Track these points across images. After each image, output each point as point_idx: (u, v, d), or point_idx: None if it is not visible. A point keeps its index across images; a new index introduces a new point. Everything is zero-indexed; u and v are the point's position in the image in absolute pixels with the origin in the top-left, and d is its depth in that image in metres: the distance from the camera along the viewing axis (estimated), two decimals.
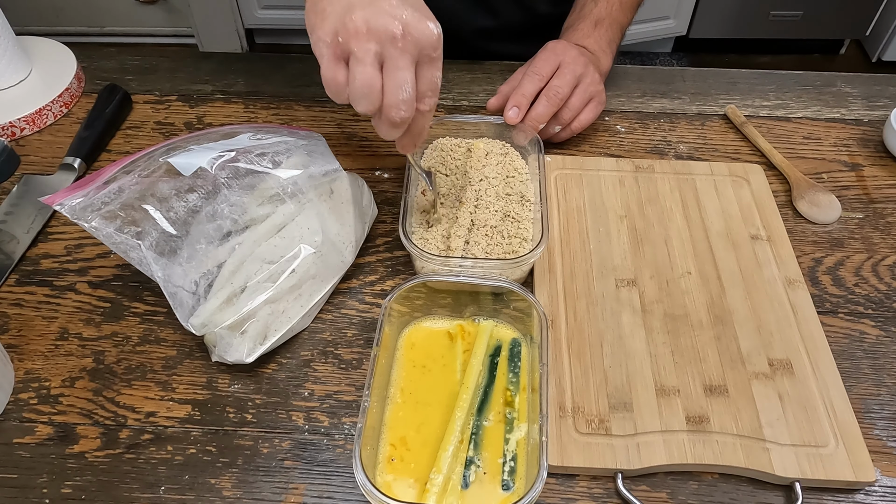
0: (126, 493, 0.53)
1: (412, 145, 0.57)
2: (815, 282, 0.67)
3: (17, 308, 0.64)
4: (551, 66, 0.73)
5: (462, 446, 0.52)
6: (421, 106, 0.53)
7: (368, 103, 0.51)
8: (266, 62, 0.92)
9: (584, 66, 0.74)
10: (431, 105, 0.54)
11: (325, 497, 0.53)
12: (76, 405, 0.58)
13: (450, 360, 0.58)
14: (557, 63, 0.73)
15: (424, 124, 0.56)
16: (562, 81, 0.72)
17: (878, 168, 0.79)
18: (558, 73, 0.73)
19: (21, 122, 0.81)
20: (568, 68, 0.73)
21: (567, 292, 0.64)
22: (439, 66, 0.53)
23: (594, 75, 0.75)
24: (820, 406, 0.56)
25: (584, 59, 0.74)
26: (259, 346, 0.57)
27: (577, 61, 0.73)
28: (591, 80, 0.74)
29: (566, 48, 0.74)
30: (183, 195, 0.59)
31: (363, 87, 0.50)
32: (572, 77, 0.73)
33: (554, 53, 0.74)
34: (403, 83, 0.50)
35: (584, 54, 0.75)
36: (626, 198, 0.73)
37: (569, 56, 0.73)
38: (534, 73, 0.72)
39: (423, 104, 0.54)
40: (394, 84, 0.50)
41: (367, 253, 0.69)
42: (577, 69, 0.73)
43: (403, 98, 0.51)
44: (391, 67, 0.50)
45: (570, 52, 0.74)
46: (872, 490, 0.54)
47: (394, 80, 0.50)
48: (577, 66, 0.73)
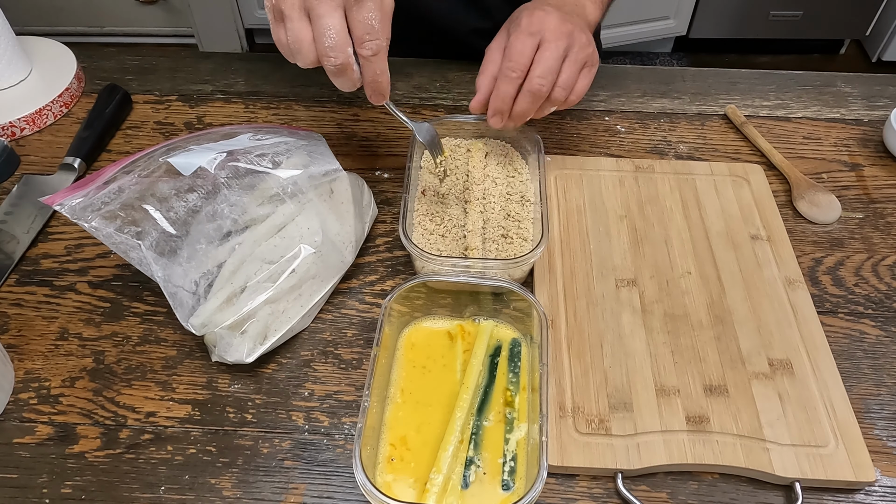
0: (126, 493, 0.53)
1: (378, 95, 0.57)
2: (815, 282, 0.67)
3: (17, 308, 0.64)
4: (529, 51, 0.62)
5: (462, 446, 0.52)
6: (362, 50, 0.53)
7: (303, 57, 0.53)
8: (266, 62, 0.92)
9: (567, 37, 0.63)
10: (374, 48, 0.53)
11: (325, 497, 0.53)
12: (76, 405, 0.58)
13: (450, 360, 0.58)
14: (536, 43, 0.63)
15: (376, 70, 0.54)
16: (544, 69, 0.62)
17: (878, 168, 0.79)
18: (539, 59, 0.62)
19: (21, 122, 0.81)
20: (549, 48, 0.62)
21: (567, 292, 0.64)
22: (369, 6, 0.52)
23: (581, 38, 0.64)
24: (820, 406, 0.56)
25: (566, 26, 0.63)
26: (259, 346, 0.57)
27: (558, 33, 0.63)
28: (580, 46, 0.64)
29: (544, 18, 0.63)
30: (183, 195, 0.59)
31: (294, 42, 0.52)
32: (556, 58, 0.62)
33: (529, 33, 0.63)
34: (326, 29, 0.51)
35: (565, 19, 0.64)
36: (626, 198, 0.73)
37: (548, 29, 0.63)
38: (510, 71, 0.62)
39: (363, 49, 0.53)
40: (319, 32, 0.51)
41: (367, 253, 0.69)
42: (561, 44, 0.63)
43: (329, 45, 0.51)
44: (314, 17, 0.51)
45: (548, 23, 0.63)
46: (872, 490, 0.54)
47: (318, 28, 0.51)
48: (560, 39, 0.63)
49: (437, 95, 0.87)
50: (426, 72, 0.90)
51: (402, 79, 0.89)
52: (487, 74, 0.65)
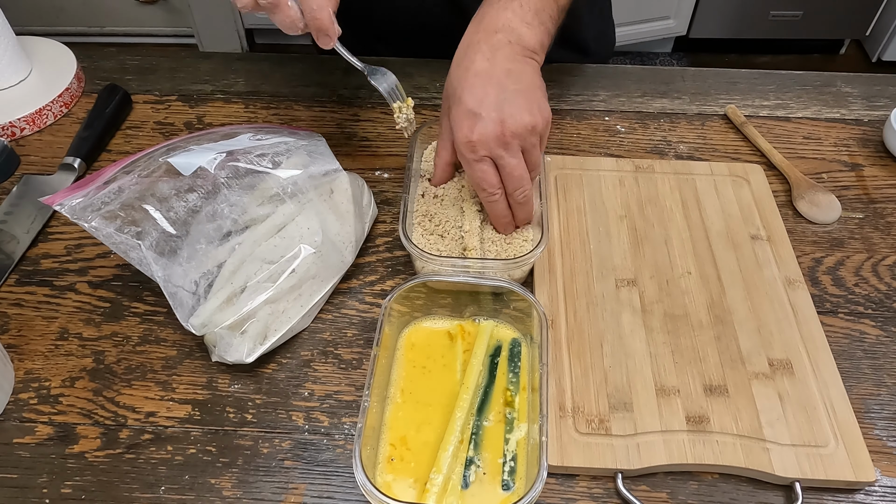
0: (126, 493, 0.53)
1: (324, 37, 0.58)
2: (815, 282, 0.67)
3: (17, 308, 0.64)
4: (493, 175, 0.59)
5: (462, 446, 0.52)
6: None
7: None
8: (266, 62, 0.92)
9: (515, 139, 0.58)
10: None
11: (325, 497, 0.53)
12: (76, 405, 0.58)
13: (450, 360, 0.58)
14: (494, 165, 0.59)
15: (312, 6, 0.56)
16: (517, 181, 0.60)
17: (878, 168, 0.79)
18: (506, 176, 0.60)
19: (21, 122, 0.81)
20: (509, 164, 0.59)
21: (567, 292, 0.64)
22: None
23: (522, 121, 0.58)
24: (820, 406, 0.56)
25: (506, 127, 0.57)
26: (259, 346, 0.57)
27: (505, 145, 0.58)
28: (526, 134, 0.58)
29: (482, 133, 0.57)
30: (183, 195, 0.59)
31: None
32: (520, 166, 0.59)
33: (480, 158, 0.59)
34: None
35: (500, 118, 0.57)
36: (626, 198, 0.73)
37: (496, 145, 0.58)
38: (490, 196, 0.60)
39: None
40: None
41: (367, 253, 0.69)
42: (514, 149, 0.59)
43: None
44: None
45: (489, 137, 0.57)
46: (872, 490, 0.54)
47: None
48: (510, 148, 0.58)
49: (437, 95, 0.87)
50: (426, 72, 0.90)
51: (403, 79, 0.88)
52: (443, 160, 0.65)
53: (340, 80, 0.89)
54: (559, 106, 0.86)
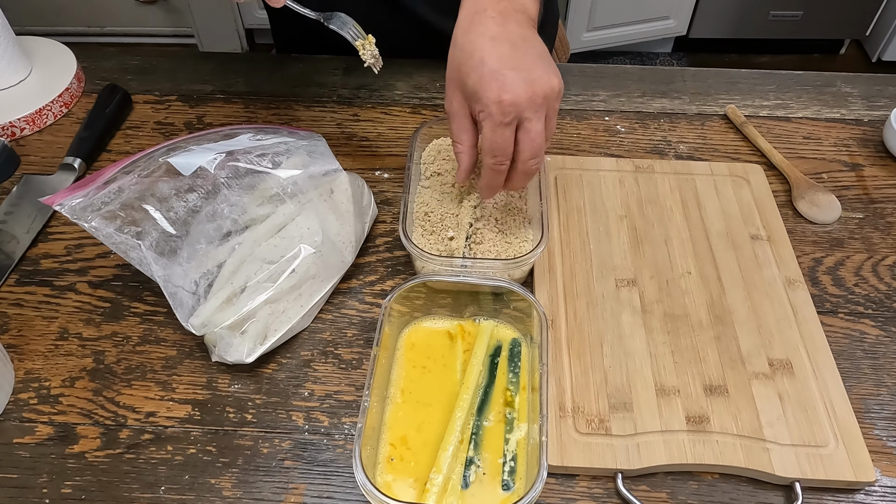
0: (126, 493, 0.53)
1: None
2: (815, 282, 0.67)
3: (17, 308, 0.64)
4: (510, 141, 0.57)
5: (462, 446, 0.52)
6: None
7: None
8: (266, 62, 0.92)
9: (543, 102, 0.56)
10: None
11: (325, 497, 0.53)
12: (76, 405, 0.58)
13: (450, 360, 0.58)
14: (514, 129, 0.56)
15: None
16: (533, 150, 0.57)
17: (878, 168, 0.79)
18: (524, 143, 0.57)
19: (21, 122, 0.81)
20: (531, 130, 0.56)
21: (567, 292, 0.64)
22: None
23: (552, 85, 0.56)
24: (820, 406, 0.56)
25: (536, 87, 0.55)
26: (259, 346, 0.57)
27: (533, 105, 0.56)
28: (553, 99, 0.57)
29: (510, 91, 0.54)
30: (183, 195, 0.59)
31: None
32: (541, 134, 0.57)
33: (505, 123, 0.56)
34: None
35: (530, 77, 0.55)
36: (626, 198, 0.73)
37: (522, 108, 0.55)
38: (498, 164, 0.58)
39: None
40: None
41: (367, 253, 0.69)
42: (540, 115, 0.56)
43: None
44: None
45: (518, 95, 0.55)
46: (872, 490, 0.54)
47: None
48: (538, 112, 0.56)
49: (437, 95, 0.87)
50: (426, 72, 0.90)
51: (402, 79, 0.89)
52: (465, 144, 0.60)
53: (340, 80, 0.89)
54: (559, 106, 0.86)
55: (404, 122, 0.83)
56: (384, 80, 0.88)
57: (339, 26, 0.63)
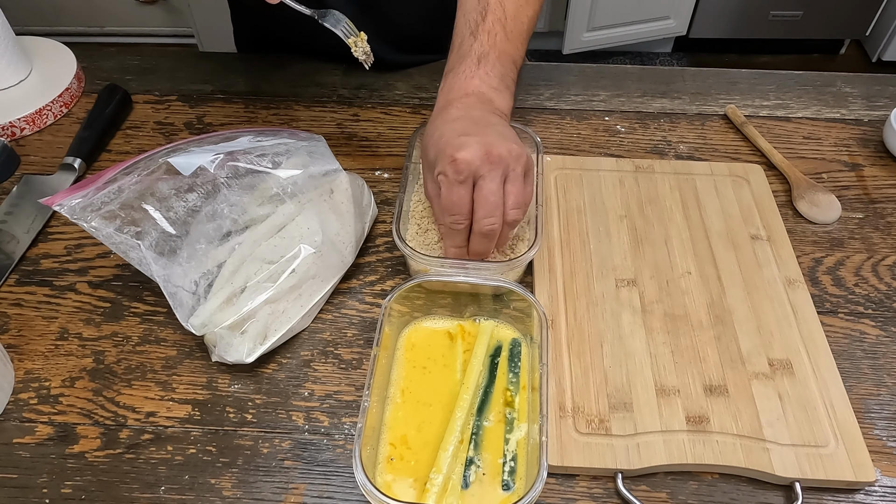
0: (126, 493, 0.53)
1: None
2: (815, 282, 0.67)
3: (17, 308, 0.64)
4: (467, 198, 0.57)
5: (462, 446, 0.52)
6: None
7: None
8: (266, 62, 0.92)
9: (499, 163, 0.57)
10: None
11: (325, 497, 0.53)
12: (76, 405, 0.58)
13: (450, 360, 0.58)
14: (470, 188, 0.57)
15: None
16: (488, 209, 0.57)
17: (878, 168, 0.79)
18: (479, 200, 0.57)
19: (21, 122, 0.81)
20: (485, 186, 0.57)
21: (567, 292, 0.64)
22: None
23: (511, 151, 0.58)
24: (820, 406, 0.56)
25: (493, 150, 0.57)
26: (259, 346, 0.57)
27: (488, 165, 0.57)
28: (513, 162, 0.58)
29: (465, 155, 0.56)
30: (182, 195, 0.59)
31: None
32: (496, 192, 0.57)
33: (459, 182, 0.57)
34: None
35: (486, 142, 0.57)
36: (626, 198, 0.73)
37: (477, 166, 0.56)
38: (455, 224, 0.58)
39: None
40: None
41: (367, 253, 0.69)
42: (496, 174, 0.57)
43: None
44: None
45: (473, 158, 0.56)
46: (872, 490, 0.53)
47: None
48: (494, 170, 0.57)
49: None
50: (426, 72, 0.90)
51: (402, 79, 0.89)
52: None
53: (340, 80, 0.89)
54: (559, 106, 0.86)
55: (404, 122, 0.83)
56: (384, 80, 0.88)
57: (332, 24, 0.64)
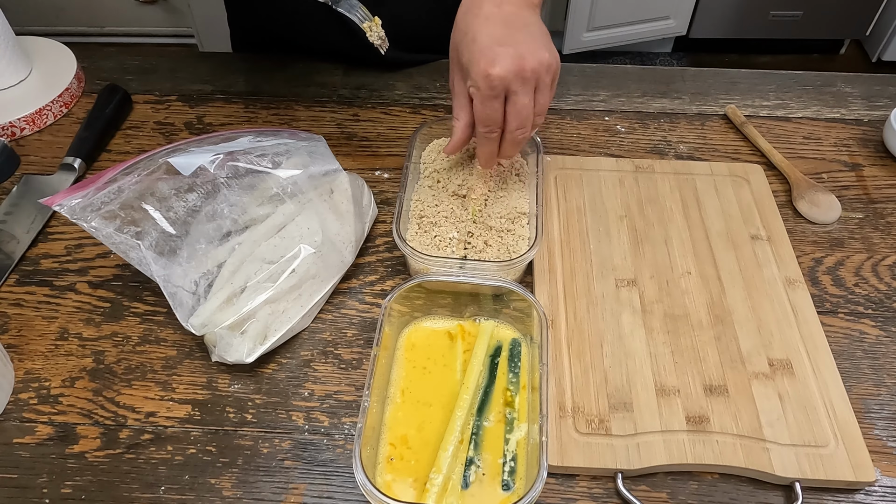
0: (126, 493, 0.53)
1: None
2: (815, 282, 0.67)
3: (17, 308, 0.64)
4: (499, 111, 0.58)
5: (462, 446, 0.52)
6: None
7: None
8: (266, 62, 0.92)
9: (532, 76, 0.57)
10: None
11: (325, 497, 0.53)
12: (76, 405, 0.58)
13: (450, 360, 0.58)
14: (503, 101, 0.58)
15: None
16: (520, 120, 0.59)
17: (878, 168, 0.79)
18: (512, 112, 0.58)
19: (21, 122, 0.81)
20: (518, 101, 0.58)
21: (567, 292, 0.64)
22: None
23: (541, 59, 0.57)
24: (820, 406, 0.56)
25: (526, 61, 0.56)
26: (259, 346, 0.57)
27: (521, 79, 0.57)
28: (543, 72, 0.58)
29: (501, 66, 0.56)
30: (182, 195, 0.59)
31: None
32: (528, 105, 0.58)
33: (493, 96, 0.57)
34: None
35: (519, 51, 0.56)
36: (626, 198, 0.73)
37: (511, 80, 0.56)
38: (489, 133, 0.60)
39: None
40: None
41: (367, 253, 0.69)
42: (528, 88, 0.58)
43: None
44: None
45: (507, 69, 0.56)
46: (872, 490, 0.53)
47: None
48: (526, 84, 0.57)
49: (437, 95, 0.87)
50: (426, 72, 0.90)
51: (402, 79, 0.89)
52: (462, 121, 0.62)
53: (340, 80, 0.89)
54: (559, 106, 0.86)
55: (404, 122, 0.83)
56: (384, 81, 0.88)
57: (346, 9, 0.64)
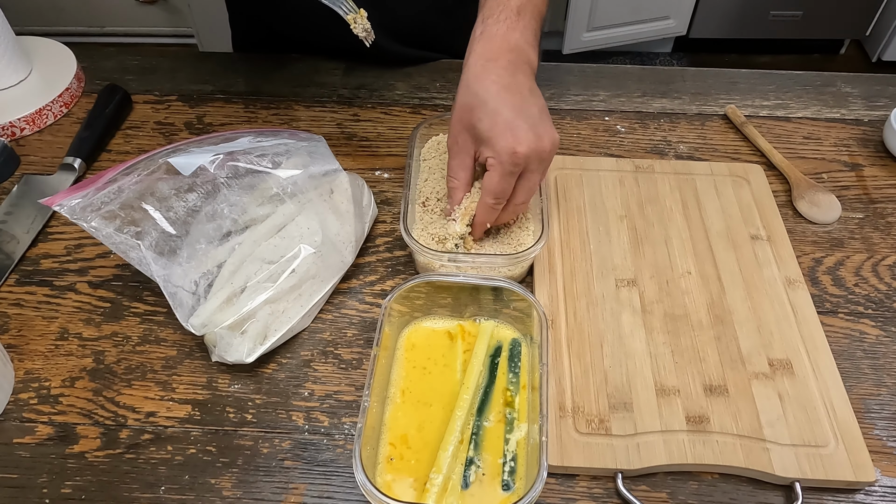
0: (126, 493, 0.53)
1: None
2: (815, 282, 0.67)
3: (17, 308, 0.64)
4: (511, 186, 0.60)
5: (462, 446, 0.52)
6: None
7: None
8: (266, 62, 0.92)
9: (548, 156, 0.59)
10: None
11: (325, 497, 0.53)
12: (76, 405, 0.58)
13: (450, 360, 0.58)
14: (521, 169, 0.59)
15: None
16: (526, 195, 0.61)
17: (878, 168, 0.79)
18: (521, 189, 0.61)
19: (21, 122, 0.81)
20: (531, 178, 0.60)
21: (567, 292, 0.64)
22: None
23: (552, 140, 0.59)
24: (820, 406, 0.56)
25: (543, 142, 0.58)
26: (259, 346, 0.57)
27: (538, 160, 0.59)
28: (551, 150, 0.60)
29: (519, 143, 0.57)
30: (182, 195, 0.59)
31: None
32: (537, 182, 0.61)
33: (511, 172, 0.59)
34: None
35: (535, 130, 0.58)
36: (626, 198, 0.73)
37: (530, 160, 0.58)
38: (495, 203, 0.61)
39: None
40: None
41: (367, 253, 0.69)
42: (543, 168, 0.60)
43: None
44: None
45: (526, 149, 0.57)
46: (872, 490, 0.53)
47: None
48: (541, 164, 0.60)
49: (437, 95, 0.87)
50: (426, 72, 0.90)
51: (402, 78, 0.89)
52: (461, 181, 0.63)
53: (340, 80, 0.89)
54: (559, 106, 0.86)
55: (404, 122, 0.83)
56: (384, 80, 0.88)
57: (331, 1, 0.64)
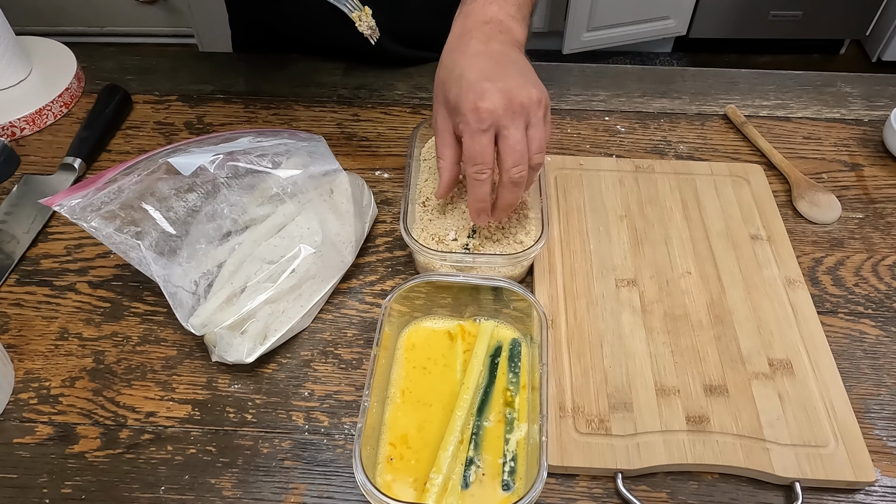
0: (126, 493, 0.53)
1: None
2: (815, 282, 0.67)
3: (17, 308, 0.64)
4: (490, 148, 0.56)
5: (462, 446, 0.52)
6: None
7: None
8: (266, 62, 0.92)
9: (522, 111, 0.56)
10: None
11: (325, 497, 0.53)
12: (76, 405, 0.58)
13: (450, 360, 0.58)
14: (493, 136, 0.56)
15: None
16: (516, 158, 0.56)
17: (878, 168, 0.79)
18: (505, 149, 0.56)
19: (21, 122, 0.81)
20: (510, 136, 0.56)
21: (567, 292, 0.64)
22: None
23: (531, 96, 0.56)
24: (820, 406, 0.56)
25: (514, 96, 0.56)
26: (259, 346, 0.57)
27: (510, 114, 0.56)
28: (534, 108, 0.57)
29: (488, 101, 0.55)
30: (182, 195, 0.59)
31: None
32: (521, 141, 0.56)
33: (481, 130, 0.56)
34: None
35: (507, 87, 0.56)
36: (626, 198, 0.73)
37: (498, 115, 0.55)
38: (479, 174, 0.57)
39: None
40: None
41: (367, 253, 0.69)
42: (519, 123, 0.56)
43: None
44: None
45: (494, 106, 0.55)
46: (872, 490, 0.53)
47: None
48: (516, 119, 0.56)
49: None
50: (426, 71, 0.90)
51: (402, 79, 0.89)
52: (447, 160, 0.61)
53: (340, 80, 0.89)
54: (559, 106, 0.86)
55: (404, 122, 0.83)
56: (384, 80, 0.88)
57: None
